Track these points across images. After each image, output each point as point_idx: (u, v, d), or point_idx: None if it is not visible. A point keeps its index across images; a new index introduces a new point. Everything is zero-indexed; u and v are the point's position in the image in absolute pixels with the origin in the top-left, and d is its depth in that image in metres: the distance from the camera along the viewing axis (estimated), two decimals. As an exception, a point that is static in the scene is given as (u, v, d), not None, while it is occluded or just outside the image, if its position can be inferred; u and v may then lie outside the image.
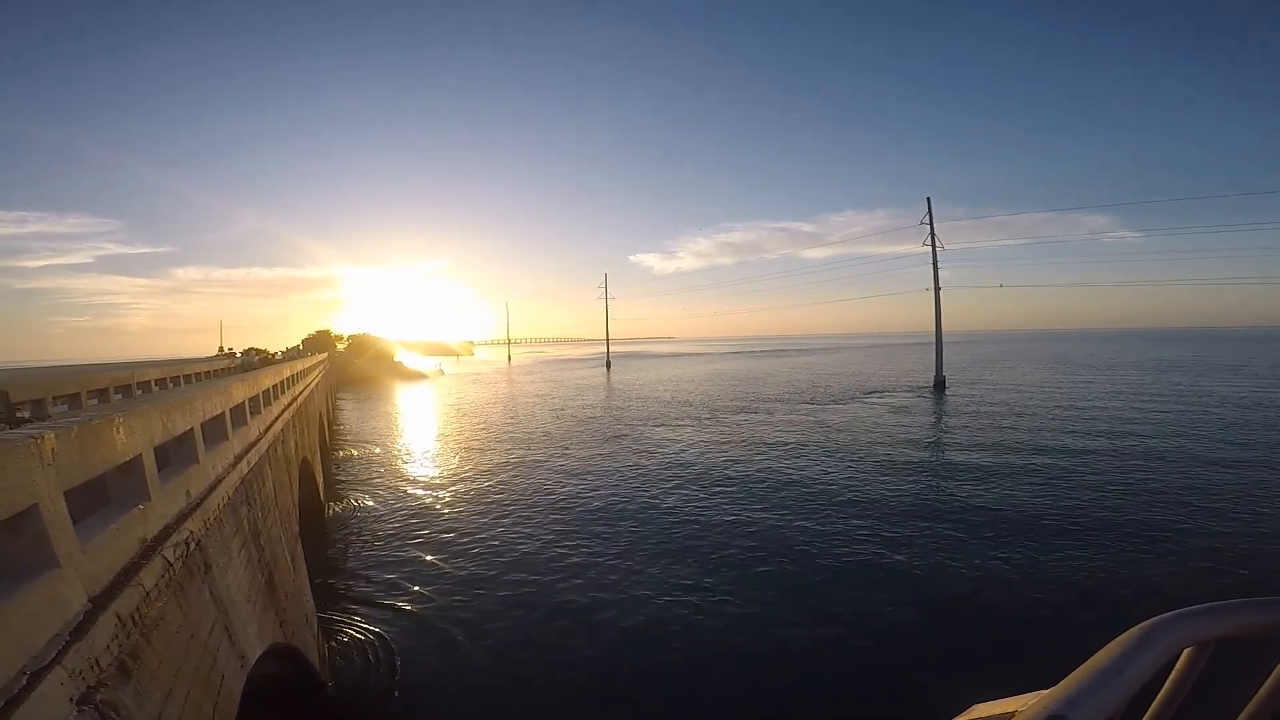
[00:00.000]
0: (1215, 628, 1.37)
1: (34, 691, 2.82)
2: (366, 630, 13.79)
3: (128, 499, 4.54)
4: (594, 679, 11.65)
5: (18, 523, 3.05)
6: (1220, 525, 18.43)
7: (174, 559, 4.93)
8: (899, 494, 22.83)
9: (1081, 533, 18.10)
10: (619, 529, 19.97)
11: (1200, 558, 16.20)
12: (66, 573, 3.34)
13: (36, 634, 3.01)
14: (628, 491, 24.52)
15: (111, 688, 3.46)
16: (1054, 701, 1.17)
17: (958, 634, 12.78)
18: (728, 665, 11.90)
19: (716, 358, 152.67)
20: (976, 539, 17.93)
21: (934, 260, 60.72)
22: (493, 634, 13.38)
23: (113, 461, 4.20)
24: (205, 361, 29.24)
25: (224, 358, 37.62)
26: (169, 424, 5.45)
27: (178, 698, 4.35)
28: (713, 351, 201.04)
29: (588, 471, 28.56)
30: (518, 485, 26.35)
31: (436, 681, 11.85)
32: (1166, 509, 20.07)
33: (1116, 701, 1.19)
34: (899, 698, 10.65)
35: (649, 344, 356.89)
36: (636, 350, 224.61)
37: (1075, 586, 14.67)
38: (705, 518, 20.79)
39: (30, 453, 3.11)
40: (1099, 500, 21.19)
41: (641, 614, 14.05)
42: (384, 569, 17.43)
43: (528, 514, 22.02)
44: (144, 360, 34.51)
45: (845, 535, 18.60)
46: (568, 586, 15.64)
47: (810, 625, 13.33)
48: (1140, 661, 1.25)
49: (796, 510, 21.25)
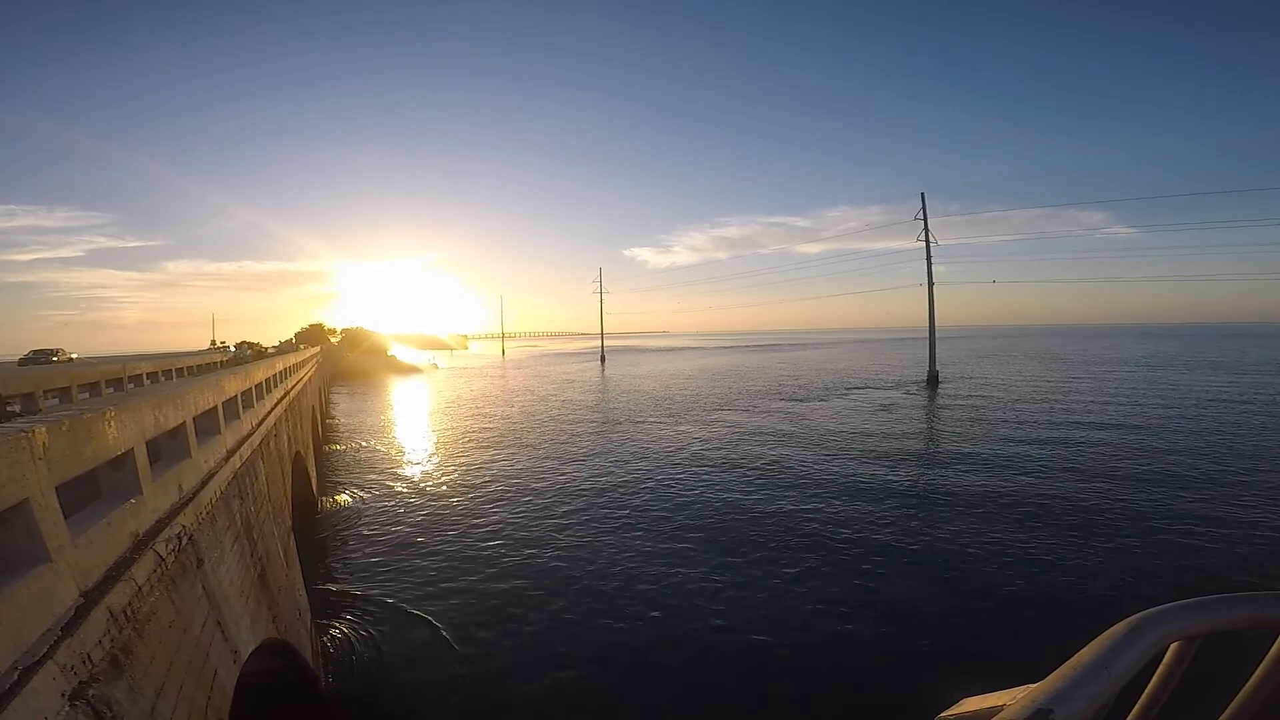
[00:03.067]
0: (1202, 622, 1.39)
1: (26, 687, 2.81)
2: (360, 625, 13.79)
3: (119, 493, 4.51)
4: (588, 675, 11.69)
5: (8, 517, 3.04)
6: (1208, 520, 18.62)
7: (166, 554, 4.91)
8: (888, 489, 22.95)
9: (1070, 527, 18.26)
10: (612, 523, 20.00)
11: (1187, 552, 16.38)
12: (58, 567, 3.33)
13: (28, 629, 2.99)
14: (622, 484, 24.53)
15: (104, 683, 3.45)
16: (1042, 695, 1.18)
17: (947, 628, 12.88)
18: (722, 662, 11.96)
19: (710, 352, 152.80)
20: (965, 533, 18.06)
21: (928, 256, 61.02)
22: (486, 628, 13.39)
23: (104, 455, 4.17)
24: (197, 355, 29.02)
25: (217, 351, 37.38)
26: (161, 418, 5.42)
27: (170, 693, 4.34)
28: (707, 346, 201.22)
29: (582, 465, 28.57)
30: (511, 479, 26.33)
31: (430, 676, 11.86)
32: (1155, 504, 20.27)
33: (1104, 695, 1.21)
34: (888, 691, 10.75)
35: (643, 338, 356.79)
36: (631, 345, 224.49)
37: (1063, 581, 14.81)
38: (701, 512, 20.84)
39: (21, 447, 3.10)
40: (1087, 494, 21.37)
41: (638, 608, 14.10)
42: (377, 563, 17.42)
43: (521, 508, 22.03)
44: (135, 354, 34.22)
45: (833, 529, 18.69)
46: (561, 581, 15.66)
47: (798, 618, 13.42)
48: (1128, 656, 1.26)
49: (786, 503, 21.32)
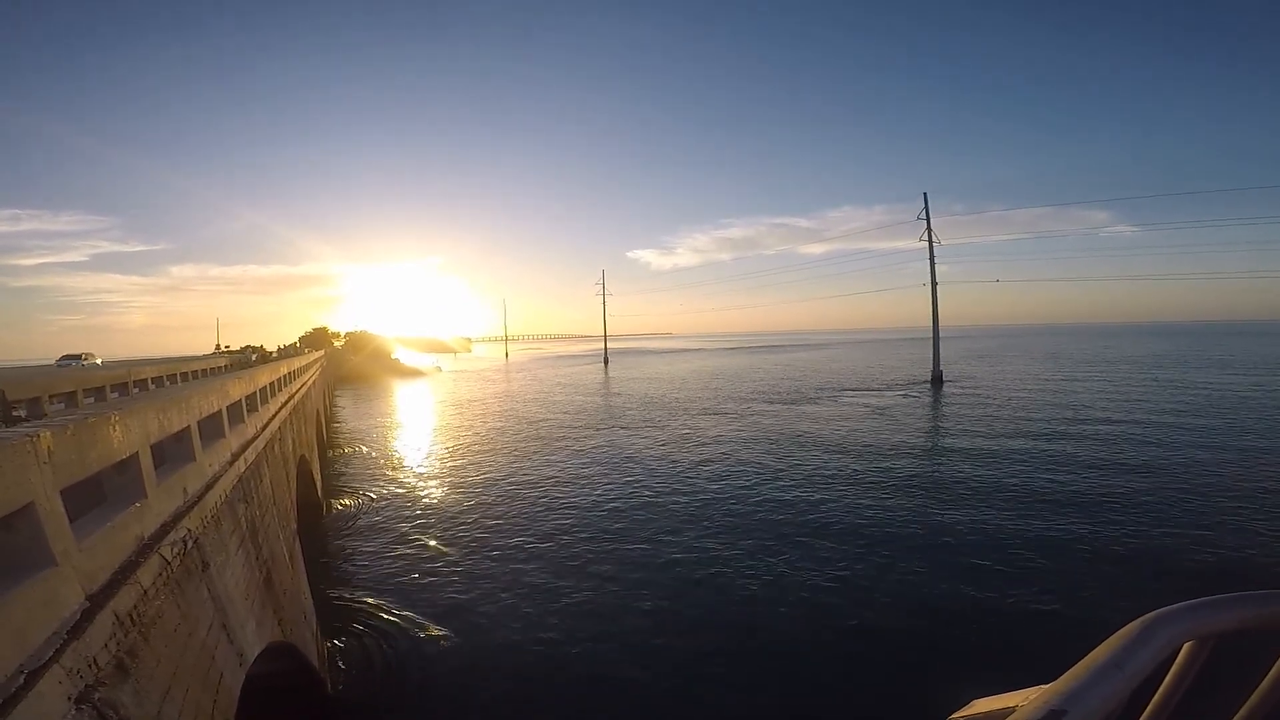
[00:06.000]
0: (1216, 621, 1.37)
1: (32, 690, 2.81)
2: (365, 628, 13.80)
3: (124, 497, 4.51)
4: (593, 676, 11.67)
5: (14, 521, 3.04)
6: (1220, 519, 18.51)
7: (171, 557, 4.91)
8: (896, 488, 22.88)
9: (1081, 525, 18.17)
10: (618, 523, 19.98)
11: (1201, 551, 16.27)
12: (63, 571, 3.33)
13: (33, 632, 2.99)
14: (627, 486, 24.52)
15: (110, 686, 3.45)
16: (1055, 696, 1.17)
17: (959, 628, 12.82)
18: (729, 660, 11.93)
19: (714, 354, 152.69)
20: (974, 532, 17.98)
21: (930, 256, 60.95)
22: (491, 631, 13.39)
23: (109, 459, 4.17)
24: (202, 359, 29.13)
25: (222, 355, 37.53)
26: (166, 422, 5.43)
27: (176, 696, 4.34)
28: (711, 348, 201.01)
29: (587, 467, 28.56)
30: (516, 481, 26.34)
31: (436, 679, 11.85)
32: (1167, 503, 20.16)
33: (1117, 696, 1.19)
34: (899, 692, 10.69)
35: (647, 340, 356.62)
36: (634, 347, 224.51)
37: (1076, 580, 14.72)
38: (706, 511, 20.80)
39: (26, 451, 3.10)
40: (1098, 493, 21.26)
41: (641, 608, 14.08)
42: (382, 566, 17.44)
43: (526, 510, 22.03)
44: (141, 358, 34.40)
45: (840, 528, 18.64)
46: (567, 583, 15.65)
47: (810, 620, 13.37)
48: (1141, 656, 1.25)
49: (792, 502, 21.28)
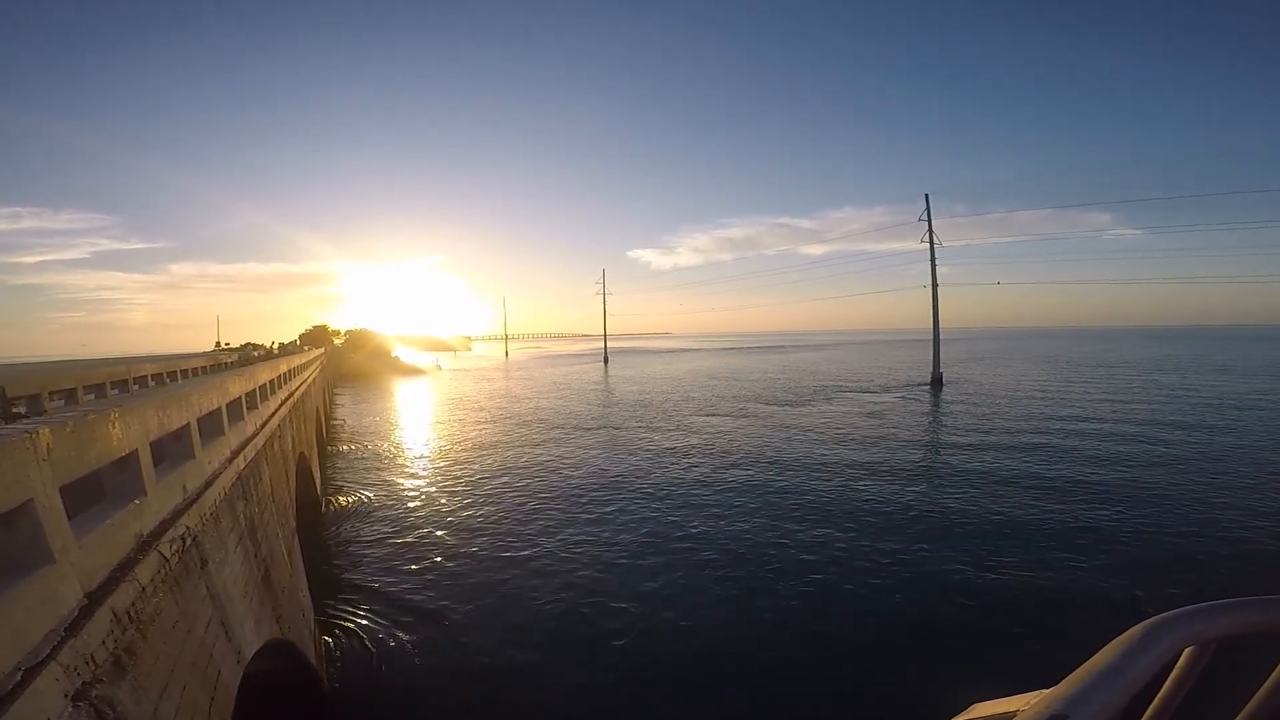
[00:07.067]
0: (1217, 627, 1.36)
1: (29, 688, 2.81)
2: (364, 626, 13.79)
3: (123, 494, 4.52)
4: (592, 676, 11.67)
5: (13, 518, 3.04)
6: (1222, 524, 18.50)
7: (170, 554, 4.92)
8: (895, 491, 22.87)
9: (1082, 529, 18.17)
10: (617, 524, 19.97)
11: (1201, 556, 16.27)
12: (62, 568, 3.33)
13: (31, 630, 2.99)
14: (627, 486, 24.50)
15: (107, 684, 3.45)
16: (1055, 701, 1.16)
17: (957, 633, 12.81)
18: (725, 665, 11.92)
19: (713, 354, 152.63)
20: (972, 536, 17.98)
21: (932, 257, 60.85)
22: (491, 630, 13.39)
23: (108, 457, 4.17)
24: (202, 356, 29.13)
25: (222, 353, 37.56)
26: (165, 419, 5.43)
27: (174, 694, 4.34)
28: (711, 347, 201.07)
29: (587, 467, 28.55)
30: (516, 480, 26.34)
31: (434, 678, 11.86)
32: (1167, 507, 20.15)
33: (1118, 701, 1.19)
34: (898, 696, 10.68)
35: (647, 339, 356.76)
36: (634, 346, 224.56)
37: (1077, 585, 14.71)
38: (706, 512, 20.79)
39: (25, 448, 3.10)
40: (1098, 497, 21.26)
41: (641, 609, 14.06)
42: (381, 565, 17.44)
43: (526, 509, 22.03)
44: (141, 355, 34.42)
45: (840, 531, 18.63)
46: (566, 583, 15.65)
47: (808, 624, 13.37)
48: (1142, 661, 1.24)
49: (787, 505, 21.27)
